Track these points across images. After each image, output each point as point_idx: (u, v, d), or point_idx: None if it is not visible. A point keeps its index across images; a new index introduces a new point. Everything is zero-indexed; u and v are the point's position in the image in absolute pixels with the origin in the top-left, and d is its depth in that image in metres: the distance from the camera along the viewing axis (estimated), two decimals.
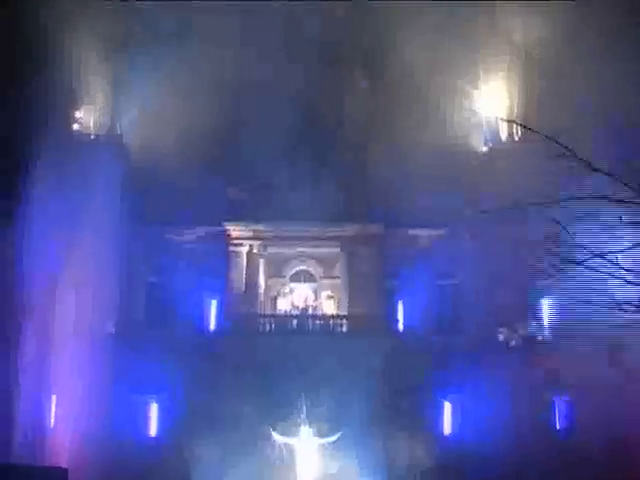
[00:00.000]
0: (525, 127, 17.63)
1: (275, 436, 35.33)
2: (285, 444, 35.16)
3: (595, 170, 15.84)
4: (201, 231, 41.24)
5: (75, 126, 41.65)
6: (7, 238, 36.81)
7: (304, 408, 34.67)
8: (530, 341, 38.62)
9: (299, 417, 34.81)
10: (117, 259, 37.38)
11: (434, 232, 40.65)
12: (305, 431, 35.06)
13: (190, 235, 41.38)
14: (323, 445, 35.39)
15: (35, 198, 35.64)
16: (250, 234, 40.75)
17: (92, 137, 41.55)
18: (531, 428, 36.56)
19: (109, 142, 41.33)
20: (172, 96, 39.05)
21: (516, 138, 40.60)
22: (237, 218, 40.48)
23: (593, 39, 34.19)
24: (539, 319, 39.78)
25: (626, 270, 17.15)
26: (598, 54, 33.99)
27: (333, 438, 34.98)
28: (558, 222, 18.57)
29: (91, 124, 41.82)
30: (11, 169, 36.16)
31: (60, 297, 35.95)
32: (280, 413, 34.98)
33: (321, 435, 35.13)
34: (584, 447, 36.46)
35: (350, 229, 39.85)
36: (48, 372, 34.88)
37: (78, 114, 41.60)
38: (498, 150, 40.89)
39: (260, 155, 38.81)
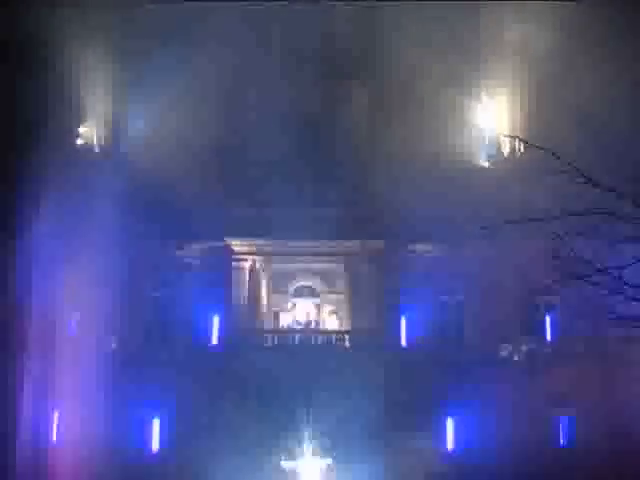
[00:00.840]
0: (527, 142, 17.64)
1: (277, 454, 35.19)
2: (287, 459, 35.00)
3: (597, 186, 15.86)
4: (203, 246, 41.16)
5: (78, 141, 41.78)
6: (9, 253, 36.89)
7: (306, 423, 34.54)
8: (533, 357, 38.55)
9: (301, 432, 34.68)
10: (119, 274, 37.40)
11: (436, 247, 40.57)
12: (307, 447, 34.91)
13: (192, 250, 41.31)
14: (325, 461, 35.25)
15: (37, 213, 35.70)
16: (253, 249, 40.70)
17: (95, 152, 41.66)
18: (534, 444, 36.45)
19: (111, 157, 41.43)
20: (175, 111, 39.17)
21: (518, 153, 40.65)
22: (240, 233, 40.42)
23: (597, 53, 34.32)
24: (542, 334, 39.74)
25: (628, 286, 17.13)
26: (602, 69, 34.10)
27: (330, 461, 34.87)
28: (560, 237, 18.57)
29: (94, 139, 41.95)
30: (13, 185, 36.24)
31: (62, 312, 35.94)
32: (282, 428, 34.83)
33: (323, 451, 34.98)
34: (587, 463, 36.35)
35: (352, 245, 39.79)
36: (50, 388, 34.82)
37: (81, 129, 41.73)
38: (500, 165, 40.94)
39: (263, 170, 38.89)
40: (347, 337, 38.87)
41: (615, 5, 34.94)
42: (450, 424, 38.08)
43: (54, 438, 35.80)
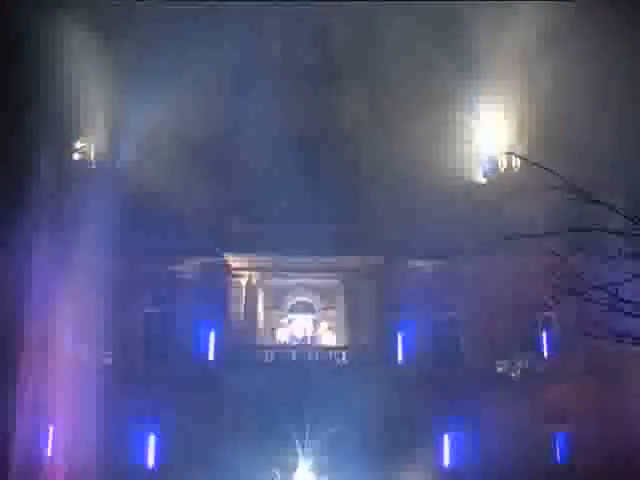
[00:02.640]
0: (524, 159, 17.67)
1: (273, 470, 35.05)
2: (283, 476, 34.86)
3: (594, 202, 15.84)
4: (200, 262, 41.16)
5: (76, 156, 41.84)
6: (7, 270, 36.84)
7: (303, 439, 34.42)
8: (530, 373, 38.48)
9: (298, 448, 34.55)
10: (116, 289, 37.29)
11: (434, 264, 40.59)
12: (303, 463, 34.79)
13: (190, 266, 41.30)
14: (321, 478, 35.13)
15: (35, 229, 35.66)
16: (249, 265, 40.67)
17: (91, 167, 41.70)
18: (531, 460, 36.34)
19: (108, 172, 41.45)
20: (172, 127, 39.23)
21: (515, 170, 40.75)
22: (236, 249, 40.41)
23: (596, 71, 34.47)
24: (539, 351, 39.69)
25: (626, 302, 17.08)
26: (600, 87, 34.24)
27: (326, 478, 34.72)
28: (558, 254, 18.56)
29: (92, 154, 42.01)
30: (11, 201, 36.23)
31: (58, 328, 35.80)
32: (279, 444, 34.70)
33: (320, 467, 34.85)
34: (586, 477, 36.25)
35: (349, 261, 39.77)
36: (45, 404, 34.65)
37: (79, 144, 41.80)
38: (498, 182, 41.02)
39: (261, 186, 38.93)
40: (344, 353, 38.79)
41: (616, 23, 35.10)
42: (447, 441, 37.95)
43: (49, 454, 35.56)
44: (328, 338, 40.82)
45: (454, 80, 38.88)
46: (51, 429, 35.77)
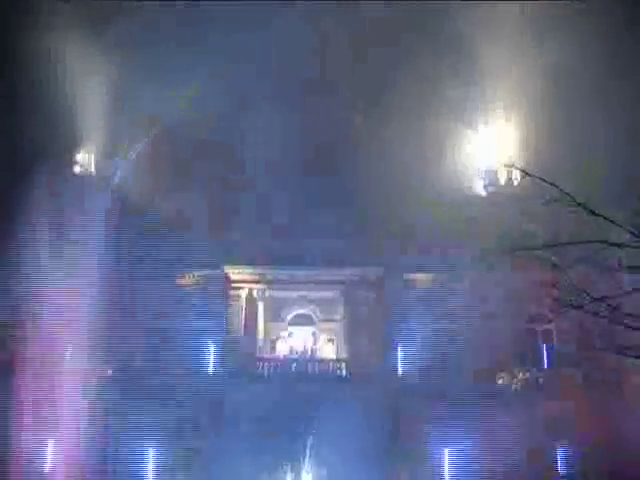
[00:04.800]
0: (524, 172, 17.71)
1: None
2: None
3: (594, 214, 15.89)
4: (200, 274, 41.16)
5: (76, 169, 41.92)
6: (7, 281, 36.87)
7: (303, 452, 34.34)
8: (530, 386, 38.39)
9: (298, 461, 34.47)
10: (116, 302, 37.27)
11: (433, 276, 40.58)
12: (304, 477, 34.69)
13: (189, 278, 41.30)
14: None
15: (35, 241, 35.68)
16: (249, 278, 40.69)
17: (92, 179, 41.76)
18: (531, 474, 36.15)
19: (107, 184, 41.51)
20: (173, 138, 39.35)
21: (515, 182, 40.80)
22: (236, 262, 40.43)
23: (596, 83, 34.56)
24: (539, 364, 39.62)
25: (626, 315, 17.10)
26: (600, 98, 34.31)
27: None
28: (558, 266, 18.57)
29: (92, 167, 42.10)
30: (11, 214, 36.30)
31: (57, 342, 35.76)
32: (279, 457, 34.62)
33: None
34: None
35: (349, 273, 39.78)
36: (45, 417, 34.57)
37: (79, 156, 41.89)
38: (498, 194, 41.07)
39: (260, 199, 38.96)
40: (344, 366, 38.70)
41: (619, 33, 35.24)
42: (447, 454, 37.79)
43: (48, 466, 35.43)
44: (328, 350, 40.74)
45: (454, 92, 38.95)
46: (50, 443, 35.67)
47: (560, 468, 37.70)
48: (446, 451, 37.87)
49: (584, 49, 34.75)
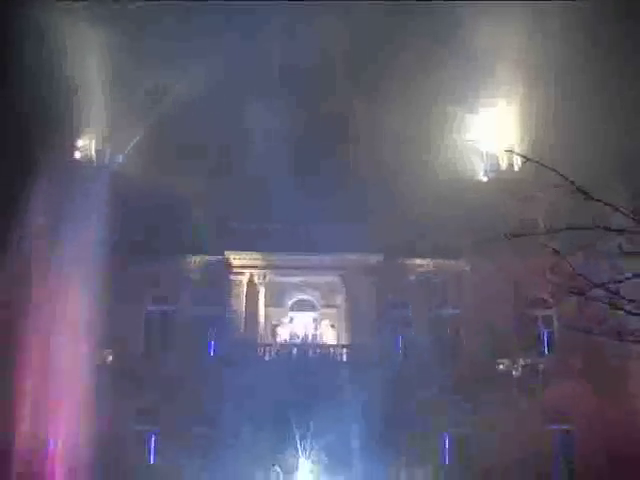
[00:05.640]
0: (524, 157, 17.65)
1: (274, 467, 35.11)
2: (285, 474, 34.92)
3: (595, 200, 15.85)
4: (201, 260, 41.22)
5: (77, 154, 41.89)
6: (7, 268, 36.88)
7: (303, 437, 34.47)
8: (531, 371, 38.47)
9: (299, 447, 34.60)
10: (117, 287, 37.30)
11: (434, 262, 40.62)
12: (305, 462, 34.84)
13: (190, 264, 41.36)
14: (323, 477, 35.17)
15: (35, 227, 35.69)
16: (251, 263, 40.71)
17: (93, 165, 41.76)
18: (531, 459, 36.27)
19: (109, 170, 41.51)
20: (173, 124, 39.29)
21: (516, 168, 40.76)
22: (238, 247, 40.44)
23: (596, 67, 34.45)
24: (540, 349, 39.70)
25: (627, 300, 17.10)
26: (601, 83, 34.21)
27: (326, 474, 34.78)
28: (558, 252, 18.54)
29: (92, 152, 42.06)
30: (10, 198, 36.27)
31: (58, 326, 35.81)
32: (280, 442, 34.76)
33: (320, 464, 34.89)
34: (586, 478, 36.27)
35: (350, 259, 39.77)
36: (46, 402, 34.67)
37: (79, 142, 41.85)
38: (498, 180, 41.04)
39: (261, 184, 38.91)
40: (345, 351, 38.78)
41: (616, 19, 35.09)
42: (448, 439, 37.95)
43: (50, 451, 35.56)
44: (329, 336, 40.81)
45: (455, 78, 38.85)
46: (52, 427, 35.78)
47: (559, 450, 37.84)
48: (446, 435, 38.04)
49: (586, 32, 34.64)
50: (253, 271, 40.72)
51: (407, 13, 39.00)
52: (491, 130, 40.66)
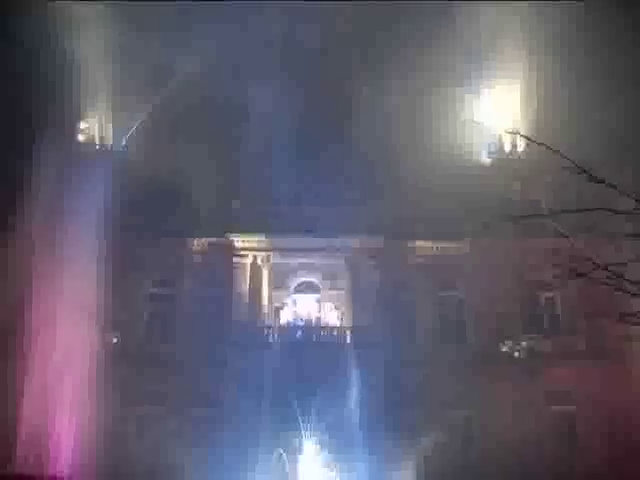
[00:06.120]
0: (528, 139, 17.62)
1: (278, 448, 35.24)
2: (288, 456, 35.05)
3: (598, 182, 15.85)
4: (204, 242, 41.26)
5: (79, 137, 41.84)
6: (9, 250, 36.94)
7: (307, 419, 34.59)
8: (533, 353, 38.56)
9: (303, 429, 34.73)
10: (120, 270, 37.37)
11: (437, 244, 40.63)
12: (308, 443, 34.97)
13: (193, 247, 41.40)
14: (326, 458, 35.31)
15: (38, 210, 35.70)
16: (254, 245, 40.72)
17: (95, 148, 41.73)
18: (534, 440, 36.43)
19: (112, 153, 41.52)
20: (176, 107, 39.25)
21: (520, 150, 40.70)
22: (241, 230, 40.45)
23: (600, 50, 34.32)
24: (543, 331, 39.74)
25: (630, 283, 17.12)
26: (605, 65, 34.11)
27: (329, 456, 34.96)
28: (562, 234, 18.58)
29: (95, 135, 42.01)
30: (13, 182, 36.28)
31: (62, 309, 35.88)
32: (283, 424, 34.88)
33: (323, 446, 35.03)
34: (587, 459, 36.41)
35: (353, 241, 39.76)
36: (50, 384, 34.79)
37: (82, 125, 41.80)
38: (502, 162, 41.00)
39: (264, 167, 38.88)
40: (348, 333, 38.84)
41: (618, 2, 34.96)
42: (451, 420, 38.05)
43: (53, 431, 35.71)
44: (332, 318, 40.87)
45: (458, 60, 38.72)
46: (55, 409, 35.91)
47: (562, 433, 37.95)
48: (450, 416, 38.12)
49: (592, 13, 34.50)
50: (256, 253, 40.73)
51: None
52: (495, 112, 40.54)
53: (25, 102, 37.36)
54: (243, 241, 40.67)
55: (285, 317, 40.98)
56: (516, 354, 38.69)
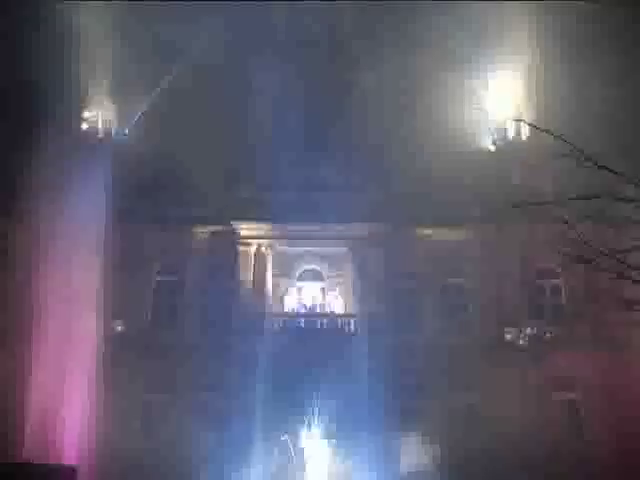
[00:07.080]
0: (533, 126, 17.61)
1: (282, 436, 35.38)
2: (293, 443, 35.20)
3: (602, 169, 15.84)
4: (209, 230, 41.28)
5: (82, 125, 41.81)
6: (10, 238, 37.04)
7: (311, 407, 34.70)
8: (537, 340, 38.56)
9: (307, 416, 34.85)
10: (125, 258, 37.46)
11: (442, 231, 40.57)
12: (313, 430, 35.10)
13: (198, 234, 41.43)
14: (331, 445, 35.46)
15: (39, 199, 35.68)
16: (259, 233, 40.71)
17: (98, 136, 41.71)
18: (537, 428, 36.48)
19: (115, 141, 41.51)
20: (179, 94, 39.20)
21: (524, 137, 40.59)
22: (246, 217, 40.43)
23: (605, 38, 34.14)
24: (547, 318, 39.72)
25: (634, 269, 17.14)
26: (609, 53, 33.94)
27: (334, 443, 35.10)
28: (566, 221, 18.57)
29: (98, 123, 41.99)
30: (15, 171, 36.31)
31: (67, 297, 35.95)
32: (288, 411, 35.01)
33: (327, 434, 35.16)
34: (591, 448, 36.49)
35: (358, 228, 39.71)
36: (58, 371, 34.91)
37: (85, 113, 41.77)
38: (506, 149, 40.89)
39: (268, 154, 38.84)
40: (353, 321, 38.89)
41: None
42: (454, 408, 38.11)
43: (62, 420, 35.87)
44: (337, 306, 40.91)
45: (462, 47, 38.58)
46: (64, 397, 36.04)
47: (566, 421, 38.02)
48: (454, 404, 38.19)
49: (596, 5, 34.29)
50: (261, 241, 40.73)
51: None
52: (499, 98, 40.41)
53: (27, 90, 37.33)
54: (248, 228, 40.65)
55: (290, 305, 41.04)
56: (520, 341, 38.68)
